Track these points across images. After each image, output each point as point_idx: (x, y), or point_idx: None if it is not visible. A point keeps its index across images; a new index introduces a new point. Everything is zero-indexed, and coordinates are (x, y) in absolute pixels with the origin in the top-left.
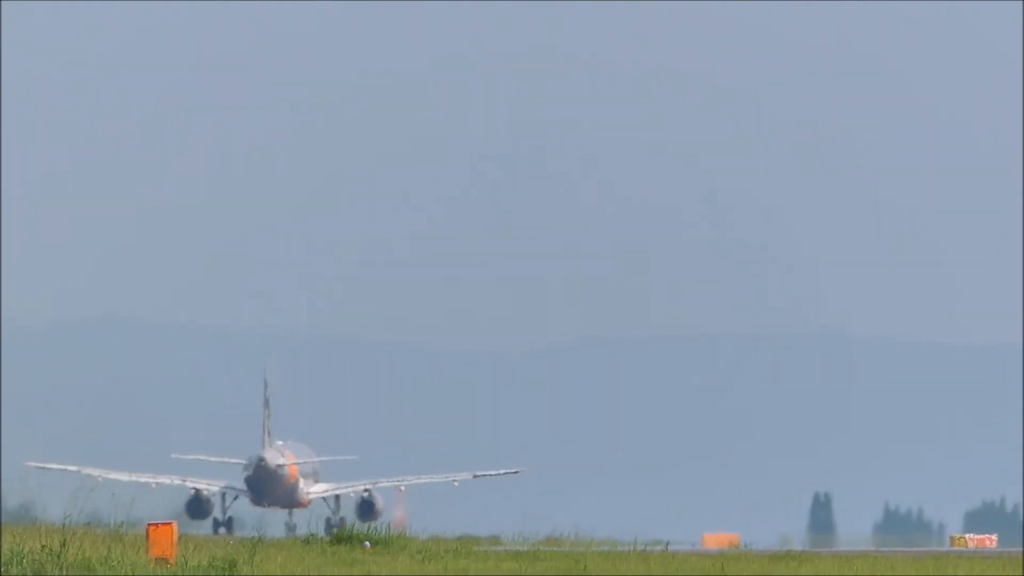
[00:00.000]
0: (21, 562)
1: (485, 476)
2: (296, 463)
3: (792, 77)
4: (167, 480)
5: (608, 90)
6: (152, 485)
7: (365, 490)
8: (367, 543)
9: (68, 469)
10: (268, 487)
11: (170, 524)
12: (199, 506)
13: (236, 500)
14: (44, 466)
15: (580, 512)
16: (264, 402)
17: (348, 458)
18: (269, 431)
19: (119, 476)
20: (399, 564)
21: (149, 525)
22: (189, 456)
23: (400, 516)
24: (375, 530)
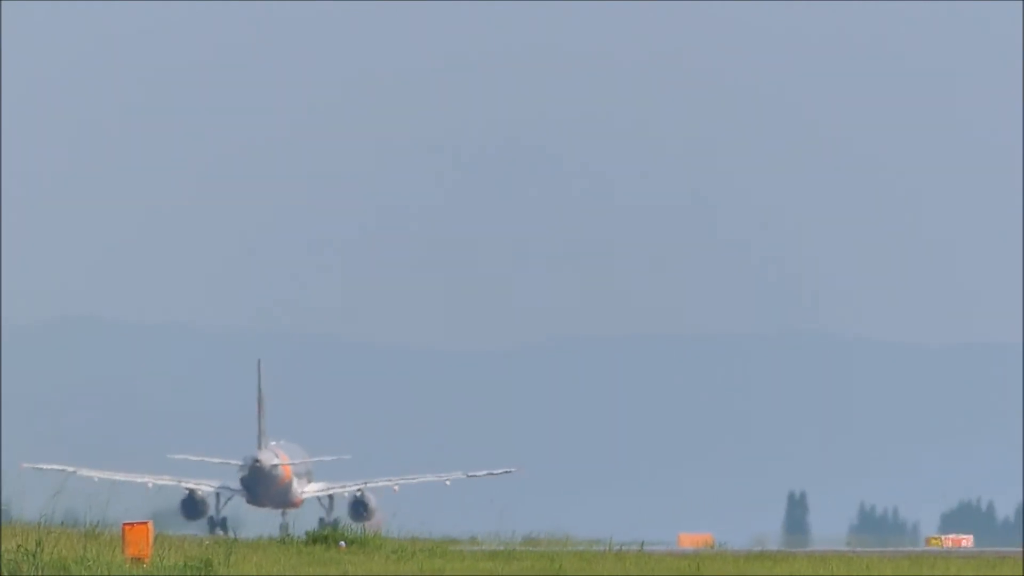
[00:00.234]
0: None
1: (477, 476)
2: (290, 463)
3: (792, 76)
4: (162, 480)
5: (608, 90)
6: (149, 486)
7: (358, 490)
8: (342, 543)
9: (65, 470)
10: (263, 487)
11: (146, 524)
12: (194, 506)
13: (231, 500)
14: (39, 467)
15: (557, 513)
16: (258, 402)
17: (341, 458)
18: (264, 431)
19: (115, 476)
20: (374, 564)
21: (124, 525)
22: (184, 456)
23: (376, 516)
24: (350, 529)
